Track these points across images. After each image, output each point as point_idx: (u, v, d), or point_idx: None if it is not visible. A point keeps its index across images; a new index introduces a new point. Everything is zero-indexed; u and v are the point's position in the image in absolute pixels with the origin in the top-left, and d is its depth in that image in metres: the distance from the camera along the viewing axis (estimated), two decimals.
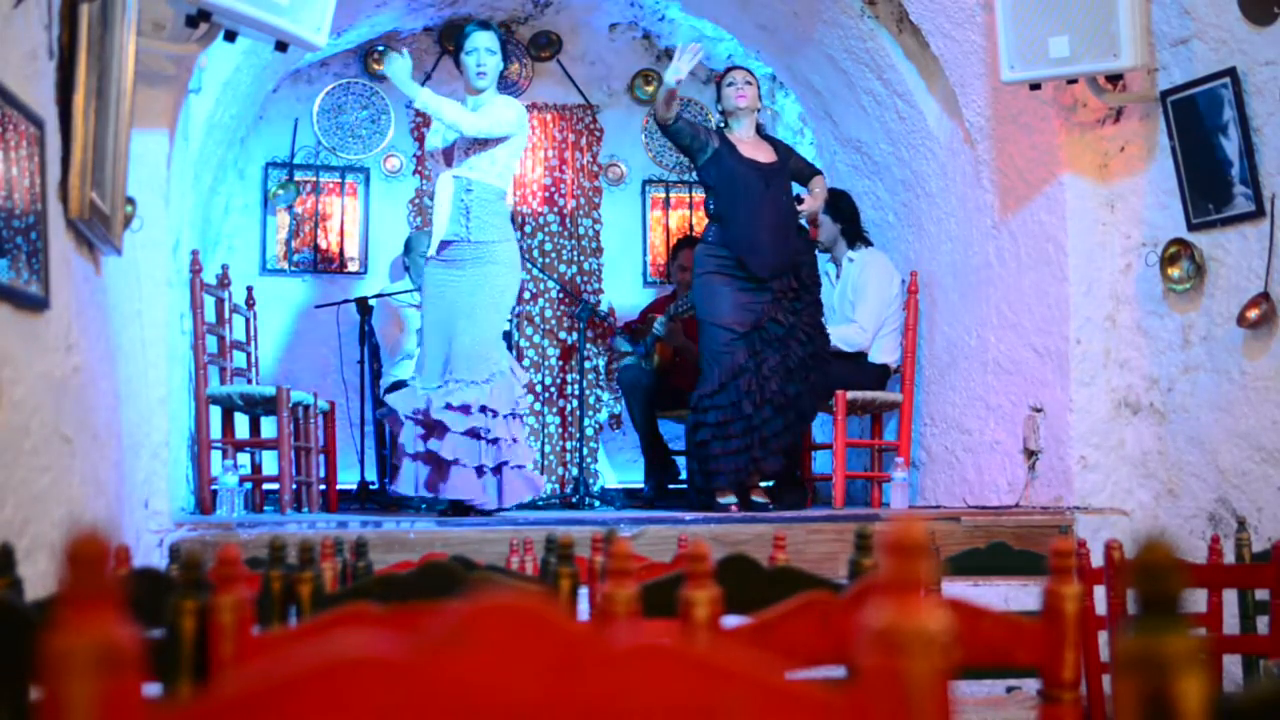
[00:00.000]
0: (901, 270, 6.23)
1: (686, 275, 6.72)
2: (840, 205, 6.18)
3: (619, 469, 7.39)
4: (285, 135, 7.31)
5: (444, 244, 5.03)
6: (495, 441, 4.90)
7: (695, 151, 5.54)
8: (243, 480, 5.31)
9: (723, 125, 5.67)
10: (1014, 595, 4.16)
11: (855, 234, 6.19)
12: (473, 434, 4.87)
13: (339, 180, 7.42)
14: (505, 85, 6.79)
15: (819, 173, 5.84)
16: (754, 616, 1.41)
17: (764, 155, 5.58)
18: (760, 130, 5.72)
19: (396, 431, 5.11)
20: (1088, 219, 5.11)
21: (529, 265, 7.05)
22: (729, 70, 5.76)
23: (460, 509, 4.99)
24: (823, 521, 4.84)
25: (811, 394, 5.49)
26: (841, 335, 6.05)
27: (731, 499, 5.36)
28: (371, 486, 6.42)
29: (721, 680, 0.70)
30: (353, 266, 7.38)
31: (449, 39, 7.11)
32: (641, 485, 6.79)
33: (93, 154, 3.10)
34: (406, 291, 6.55)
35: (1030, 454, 5.36)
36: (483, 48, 5.08)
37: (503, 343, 5.14)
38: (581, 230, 7.51)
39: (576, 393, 6.92)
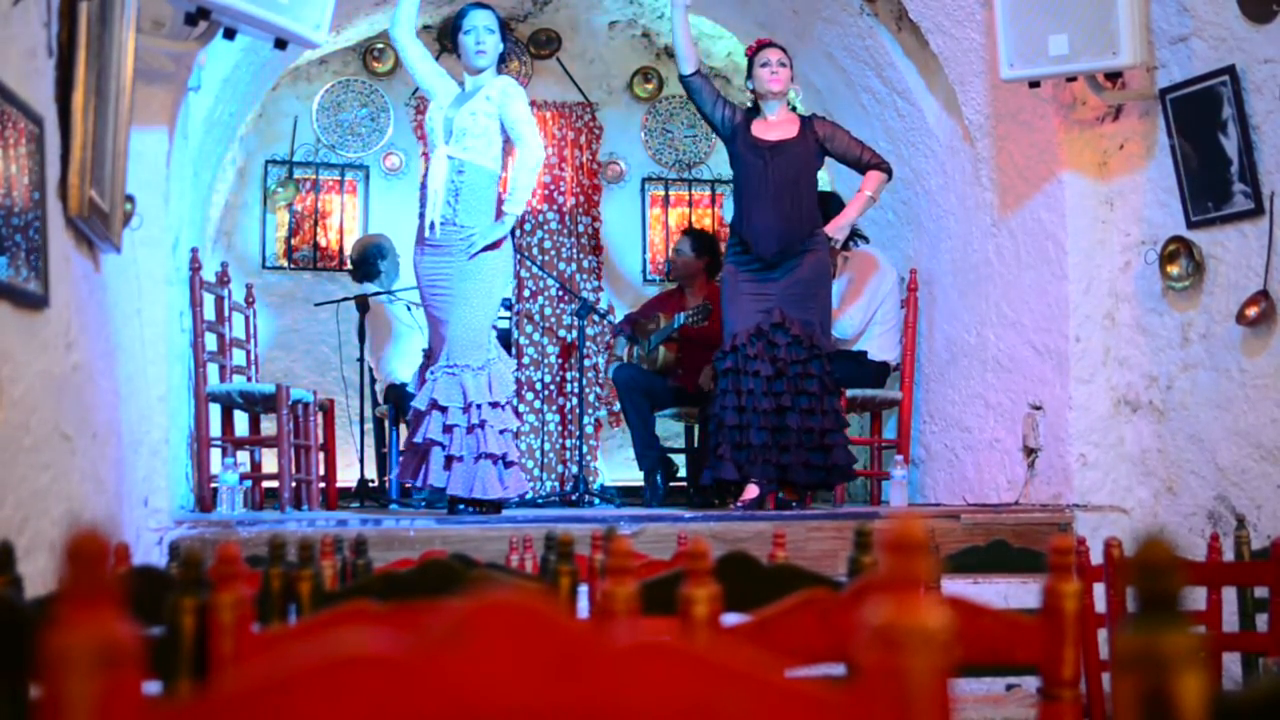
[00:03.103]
0: (901, 268, 6.23)
1: (680, 259, 6.67)
2: (826, 208, 6.06)
3: (618, 467, 7.39)
4: (285, 133, 7.31)
5: (432, 226, 4.90)
6: (474, 429, 4.83)
7: (712, 121, 5.37)
8: (242, 478, 5.30)
9: (751, 106, 5.40)
10: (1013, 593, 4.16)
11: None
12: (469, 428, 4.82)
13: (338, 178, 7.43)
14: None
15: (877, 166, 5.36)
16: (753, 614, 1.41)
17: (778, 133, 5.30)
18: (793, 109, 5.44)
19: (420, 423, 4.88)
20: (1087, 217, 5.11)
21: (528, 263, 7.04)
22: (763, 47, 5.35)
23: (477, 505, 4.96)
24: (822, 519, 4.84)
25: (818, 394, 5.19)
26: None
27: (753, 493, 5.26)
28: (371, 484, 6.42)
29: (721, 678, 0.70)
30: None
31: (448, 36, 7.10)
32: (640, 483, 6.76)
33: (92, 152, 3.10)
34: (404, 289, 6.53)
35: (1030, 452, 5.36)
36: (481, 26, 4.96)
37: (492, 331, 5.00)
38: (581, 228, 7.51)
39: (576, 390, 6.92)
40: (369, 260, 6.55)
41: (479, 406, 4.79)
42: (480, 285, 4.89)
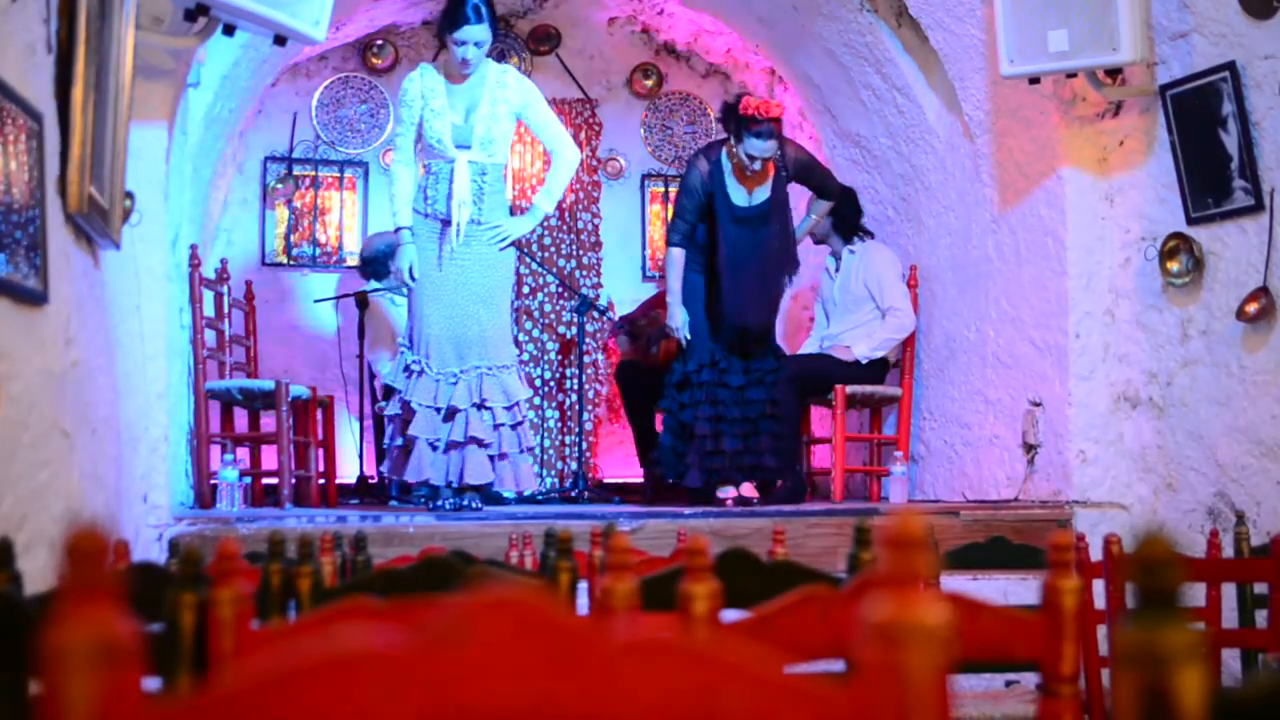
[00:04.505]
0: (901, 264, 6.23)
1: None
2: (841, 206, 6.10)
3: (618, 463, 7.39)
4: (284, 129, 7.30)
5: (458, 229, 4.90)
6: (517, 425, 4.95)
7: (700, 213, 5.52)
8: (242, 474, 5.30)
9: (720, 153, 5.44)
10: (1013, 589, 4.16)
11: (851, 228, 6.16)
12: (513, 425, 4.95)
13: (338, 174, 7.42)
14: None
15: (830, 199, 5.84)
16: (753, 611, 1.42)
17: (756, 191, 5.43)
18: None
19: (409, 419, 4.93)
20: (1087, 213, 5.11)
21: (528, 259, 7.04)
22: (755, 121, 5.24)
23: (490, 498, 5.09)
24: (822, 516, 4.84)
25: (780, 393, 5.47)
26: (886, 331, 6.00)
27: (729, 490, 5.40)
28: (371, 481, 6.42)
29: (721, 674, 0.70)
30: (352, 261, 7.37)
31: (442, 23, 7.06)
32: (641, 480, 6.76)
33: (91, 148, 3.10)
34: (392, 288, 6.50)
35: (1029, 448, 5.36)
36: (472, 42, 4.91)
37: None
38: (580, 224, 7.50)
39: (575, 387, 6.91)
40: (379, 260, 6.55)
41: (518, 404, 4.95)
42: (501, 282, 5.03)
